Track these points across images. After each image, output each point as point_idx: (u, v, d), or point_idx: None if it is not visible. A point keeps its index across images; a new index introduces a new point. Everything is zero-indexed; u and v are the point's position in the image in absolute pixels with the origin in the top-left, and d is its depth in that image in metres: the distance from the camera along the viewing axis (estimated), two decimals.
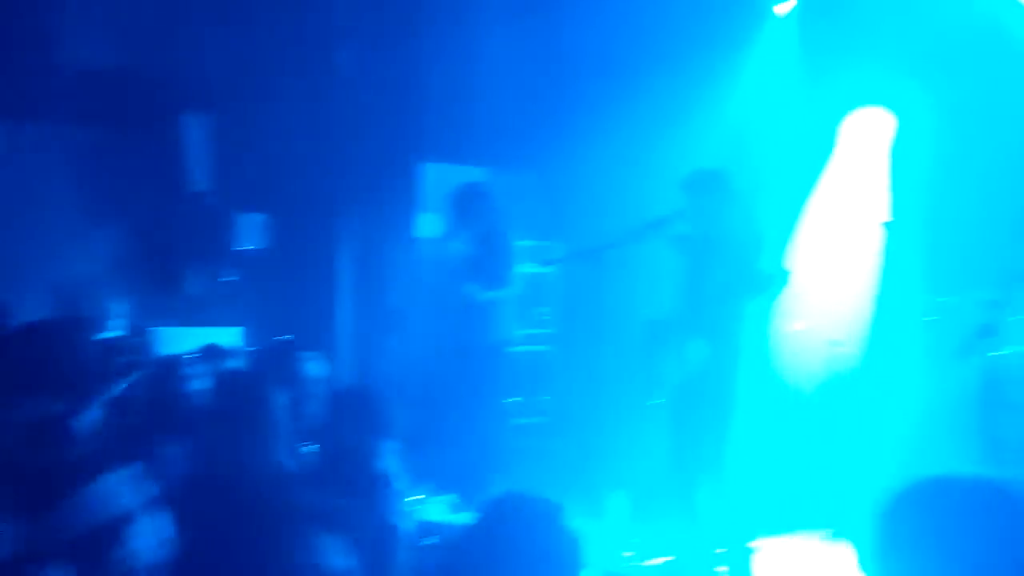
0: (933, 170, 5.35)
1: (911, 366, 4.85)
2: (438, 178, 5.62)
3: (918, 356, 4.85)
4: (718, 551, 3.95)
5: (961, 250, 4.74)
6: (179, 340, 3.84)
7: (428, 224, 5.62)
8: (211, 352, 3.37)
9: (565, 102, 5.90)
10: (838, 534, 4.56)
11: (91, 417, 2.21)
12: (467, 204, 5.00)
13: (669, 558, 4.11)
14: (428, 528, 3.15)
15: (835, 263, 5.66)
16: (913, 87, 5.47)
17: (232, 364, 3.38)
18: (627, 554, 4.24)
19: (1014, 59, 4.91)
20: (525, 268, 5.52)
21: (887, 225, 5.35)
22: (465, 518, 4.10)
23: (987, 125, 4.92)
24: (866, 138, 5.83)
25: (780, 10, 6.01)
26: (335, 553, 1.83)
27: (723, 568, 3.93)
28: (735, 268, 3.84)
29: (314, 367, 3.20)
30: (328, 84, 5.34)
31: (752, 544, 3.99)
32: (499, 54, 5.59)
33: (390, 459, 2.85)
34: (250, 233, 5.16)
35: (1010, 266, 2.45)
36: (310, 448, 2.88)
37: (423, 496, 3.52)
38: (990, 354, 2.39)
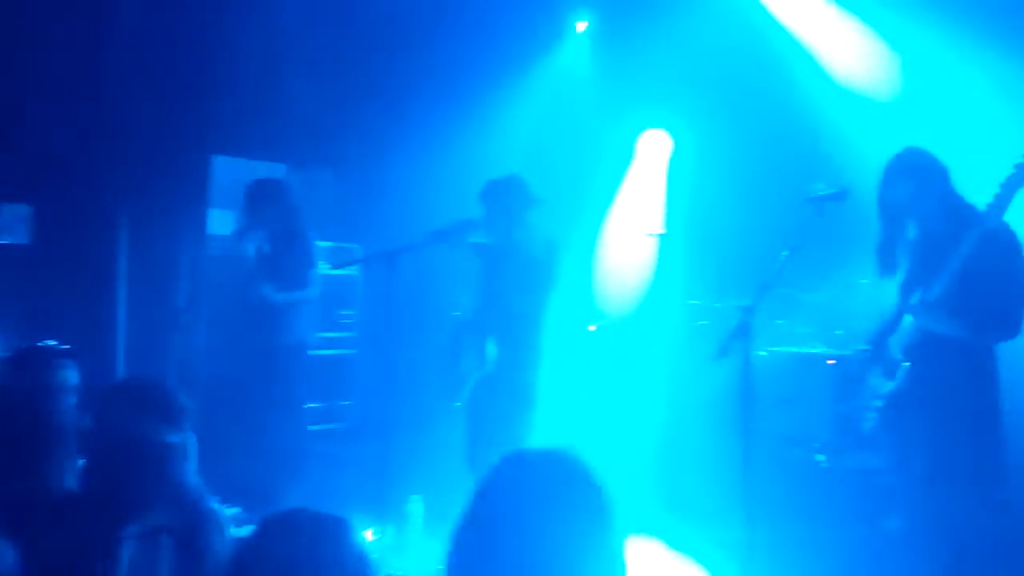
0: (702, 188, 5.92)
1: (685, 365, 5.31)
2: (232, 173, 5.36)
3: (689, 356, 5.33)
4: None
5: (726, 260, 5.28)
6: None
7: (220, 220, 5.33)
8: None
9: (368, 103, 5.86)
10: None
11: None
12: (262, 201, 4.76)
13: None
14: None
15: (623, 269, 6.12)
16: (687, 111, 6.04)
17: None
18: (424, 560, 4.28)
19: (778, 85, 5.55)
20: (326, 269, 5.40)
21: (662, 236, 5.84)
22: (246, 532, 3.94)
23: (751, 147, 5.53)
24: (649, 156, 6.39)
25: (581, 27, 6.39)
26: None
27: None
28: (528, 273, 3.94)
29: (71, 373, 2.93)
30: (112, 68, 4.92)
31: None
32: (301, 47, 5.44)
33: (176, 468, 2.63)
34: (14, 226, 4.62)
35: (761, 276, 2.81)
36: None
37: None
38: (749, 354, 2.74)
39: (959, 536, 2.88)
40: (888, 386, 3.08)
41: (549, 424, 4.64)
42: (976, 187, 3.01)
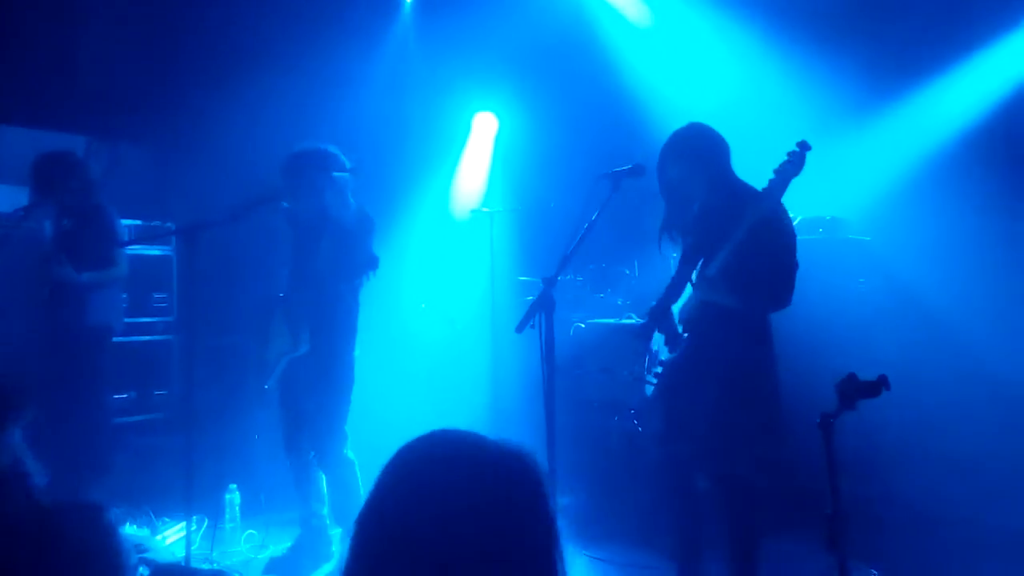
0: (530, 167, 6.03)
1: (506, 337, 5.40)
2: (21, 145, 4.88)
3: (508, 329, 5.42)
4: (332, 532, 4.00)
5: (555, 237, 5.41)
6: None
7: (5, 197, 4.85)
8: None
9: (183, 73, 5.51)
10: None
11: None
12: (54, 176, 4.35)
13: (285, 546, 4.03)
14: None
15: (454, 247, 6.14)
16: (512, 92, 6.12)
17: None
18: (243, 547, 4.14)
19: (597, 64, 5.71)
20: (134, 249, 5.05)
21: (491, 214, 5.88)
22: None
23: (574, 126, 5.69)
24: (476, 136, 6.44)
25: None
26: None
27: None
28: (340, 248, 3.76)
29: None
30: None
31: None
32: (108, 5, 5.01)
33: None
34: None
35: (566, 252, 2.87)
36: None
37: None
38: (551, 324, 2.82)
39: (741, 496, 3.08)
40: (669, 355, 3.22)
41: (377, 404, 4.60)
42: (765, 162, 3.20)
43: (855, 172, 4.99)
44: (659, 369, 3.21)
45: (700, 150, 3.13)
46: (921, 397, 4.17)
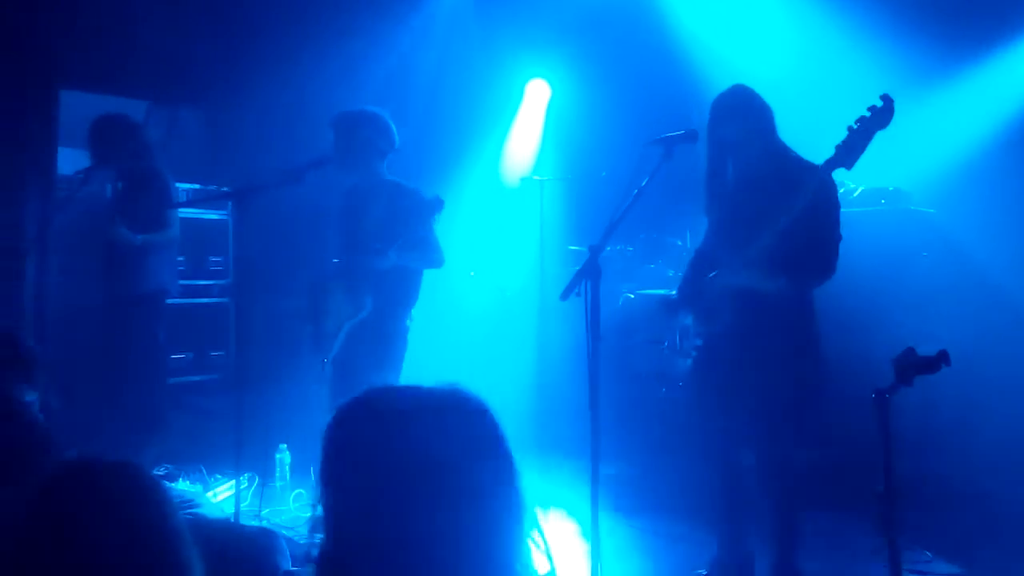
0: (582, 135, 5.95)
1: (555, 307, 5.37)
2: (83, 109, 4.99)
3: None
4: None
5: (605, 206, 5.35)
6: None
7: (70, 160, 4.97)
8: None
9: (240, 39, 5.54)
10: None
11: None
12: (110, 138, 4.43)
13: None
14: None
15: (498, 215, 6.12)
16: (566, 59, 6.03)
17: None
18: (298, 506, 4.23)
19: (657, 29, 5.59)
20: (191, 212, 5.14)
21: (543, 183, 5.83)
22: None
23: (627, 94, 5.58)
24: (528, 103, 6.37)
25: None
26: None
27: None
28: (391, 218, 3.75)
29: None
30: None
31: None
32: None
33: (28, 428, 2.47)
34: None
35: (613, 220, 2.80)
36: None
37: None
38: (597, 293, 2.75)
39: (784, 472, 3.02)
40: (707, 327, 3.14)
41: (424, 370, 4.64)
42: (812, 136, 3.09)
43: (920, 142, 4.81)
44: (699, 342, 3.15)
45: (757, 112, 3.05)
46: (981, 376, 4.04)
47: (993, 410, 4.20)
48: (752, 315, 3.00)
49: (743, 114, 3.04)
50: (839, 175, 3.29)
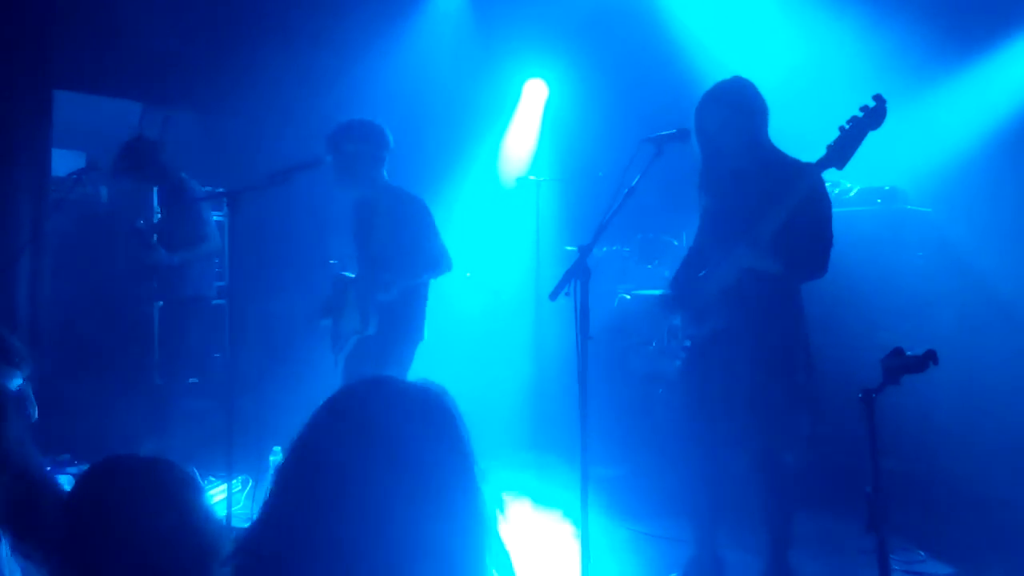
0: (579, 135, 5.94)
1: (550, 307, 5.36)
2: (77, 110, 4.99)
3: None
4: None
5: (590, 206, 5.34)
6: None
7: (64, 161, 4.97)
8: None
9: (236, 40, 5.55)
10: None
11: None
12: (140, 162, 4.52)
13: None
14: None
15: (494, 215, 6.11)
16: (563, 59, 6.02)
17: None
18: None
19: (655, 30, 5.58)
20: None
21: (532, 182, 5.82)
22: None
23: (625, 94, 5.57)
24: (526, 103, 6.36)
25: None
26: None
27: None
28: (399, 229, 3.78)
29: None
30: None
31: None
32: None
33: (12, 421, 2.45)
34: None
35: (604, 219, 2.79)
36: None
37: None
38: (586, 293, 2.73)
39: (775, 473, 3.01)
40: (696, 328, 3.12)
41: (419, 371, 4.62)
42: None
43: (916, 141, 4.80)
44: (688, 343, 3.13)
45: (742, 103, 3.02)
46: (975, 376, 4.03)
47: (988, 410, 4.19)
48: (742, 316, 2.98)
49: (726, 104, 3.01)
50: (835, 175, 3.28)
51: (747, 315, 2.96)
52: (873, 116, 2.80)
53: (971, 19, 4.78)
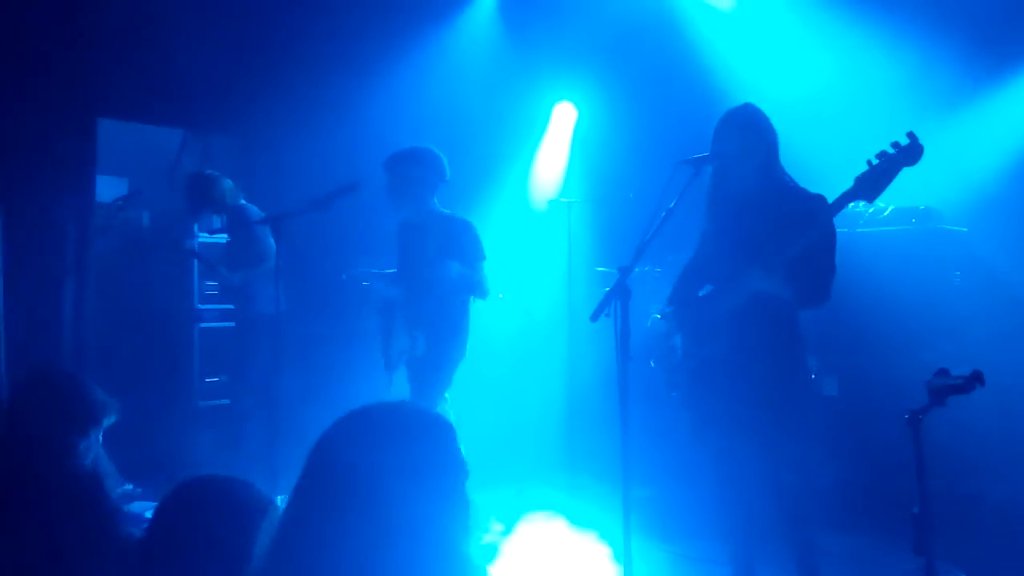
0: (609, 157, 5.98)
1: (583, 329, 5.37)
2: (120, 137, 5.12)
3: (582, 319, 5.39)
4: None
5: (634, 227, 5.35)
6: None
7: (108, 187, 5.10)
8: None
9: (271, 66, 5.66)
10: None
11: None
12: (205, 193, 4.80)
13: None
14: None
15: (526, 237, 6.15)
16: (592, 81, 6.07)
17: None
18: None
19: (684, 51, 5.62)
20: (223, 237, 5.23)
21: (563, 204, 5.85)
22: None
23: (656, 115, 5.60)
24: (555, 125, 6.42)
25: None
26: None
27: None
28: (448, 254, 3.91)
29: None
30: None
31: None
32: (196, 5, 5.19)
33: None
34: None
35: (642, 241, 2.82)
36: None
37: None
38: (627, 314, 2.78)
39: (789, 492, 2.99)
40: (698, 348, 3.12)
41: (453, 393, 4.65)
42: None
43: (951, 160, 4.77)
44: (691, 363, 3.12)
45: (761, 129, 3.05)
46: (1016, 395, 3.97)
47: None
48: (744, 339, 2.99)
49: (742, 130, 3.03)
50: None
51: (749, 339, 2.98)
52: (907, 153, 2.77)
53: (1004, 35, 4.77)
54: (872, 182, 2.79)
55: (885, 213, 4.63)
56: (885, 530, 3.23)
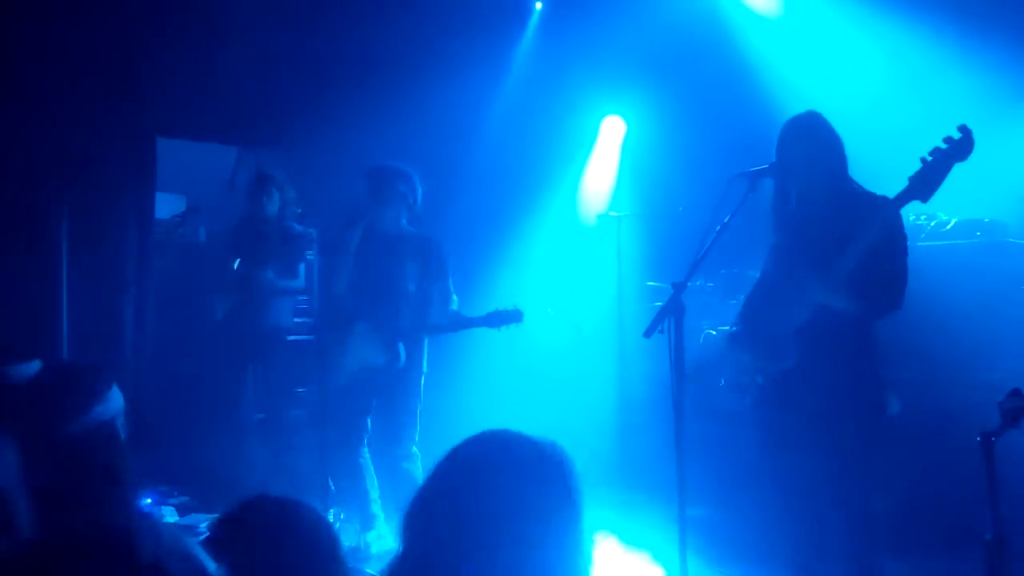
0: (658, 170, 5.92)
1: (634, 344, 5.31)
2: (178, 156, 5.25)
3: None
4: None
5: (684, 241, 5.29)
6: None
7: (167, 204, 5.23)
8: None
9: (321, 83, 5.76)
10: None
11: None
12: (265, 189, 4.96)
13: None
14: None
15: (575, 252, 6.12)
16: (640, 94, 6.04)
17: None
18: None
19: (733, 61, 5.55)
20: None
21: (612, 218, 5.82)
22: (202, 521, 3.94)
23: (707, 129, 5.54)
24: (604, 139, 6.39)
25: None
26: None
27: None
28: (422, 270, 4.14)
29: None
30: (43, 46, 4.76)
31: None
32: (250, 25, 5.31)
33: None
34: None
35: (697, 256, 2.77)
36: None
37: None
38: (681, 330, 2.75)
39: (861, 514, 2.90)
40: (768, 365, 3.03)
41: (502, 409, 4.64)
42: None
43: (1015, 171, 4.61)
44: (759, 380, 3.04)
45: (829, 138, 2.97)
46: None
47: None
48: (814, 355, 2.90)
49: (808, 139, 2.96)
50: (930, 207, 3.18)
51: (819, 354, 2.89)
52: (959, 147, 2.70)
53: None
54: (925, 180, 2.72)
55: (948, 226, 4.50)
56: (954, 555, 3.10)
